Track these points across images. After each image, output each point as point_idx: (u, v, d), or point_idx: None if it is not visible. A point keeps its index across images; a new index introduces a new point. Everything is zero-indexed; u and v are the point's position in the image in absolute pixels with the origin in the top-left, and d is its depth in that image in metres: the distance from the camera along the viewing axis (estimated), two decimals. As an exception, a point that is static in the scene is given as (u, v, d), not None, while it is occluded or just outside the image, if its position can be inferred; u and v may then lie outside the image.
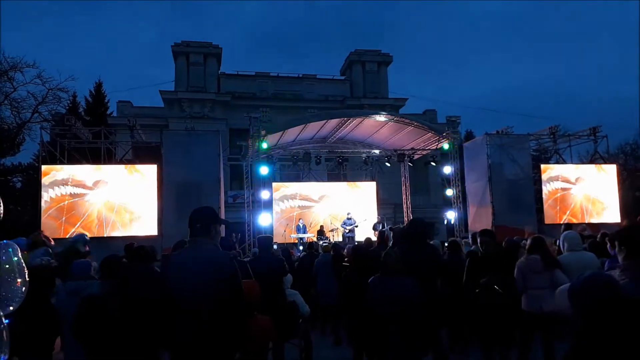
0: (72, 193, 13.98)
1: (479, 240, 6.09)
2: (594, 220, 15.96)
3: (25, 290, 2.54)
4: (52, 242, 7.80)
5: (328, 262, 8.50)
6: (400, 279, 4.32)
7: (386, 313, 4.27)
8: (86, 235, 7.67)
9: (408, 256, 4.68)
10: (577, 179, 16.91)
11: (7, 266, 2.48)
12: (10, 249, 2.52)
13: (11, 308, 2.49)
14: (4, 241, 2.59)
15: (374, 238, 10.31)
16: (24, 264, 2.59)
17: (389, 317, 4.24)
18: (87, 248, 7.19)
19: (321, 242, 13.94)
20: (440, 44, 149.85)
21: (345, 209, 18.45)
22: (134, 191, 14.22)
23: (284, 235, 18.38)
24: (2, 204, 2.78)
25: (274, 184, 19.42)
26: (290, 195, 20.03)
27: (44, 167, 14.16)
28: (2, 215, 2.77)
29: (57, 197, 13.89)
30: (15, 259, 2.52)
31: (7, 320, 2.45)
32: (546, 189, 16.57)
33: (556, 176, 16.82)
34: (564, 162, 18.07)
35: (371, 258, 5.55)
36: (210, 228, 3.07)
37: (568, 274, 4.84)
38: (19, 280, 2.50)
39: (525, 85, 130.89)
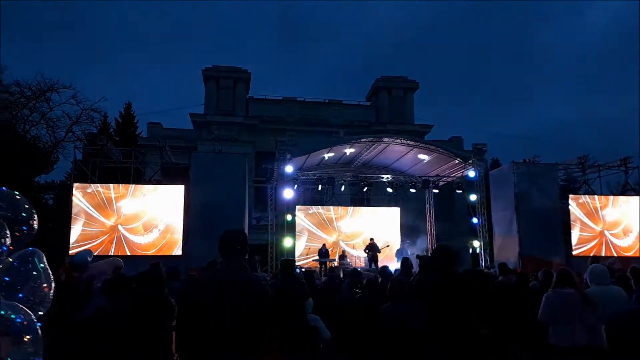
0: (101, 211, 14.35)
1: None
2: (624, 253, 15.48)
3: (52, 294, 2.68)
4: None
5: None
6: (408, 303, 4.35)
7: (394, 338, 4.28)
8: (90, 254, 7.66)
9: (425, 283, 4.67)
10: (606, 211, 16.51)
11: (34, 273, 2.63)
12: (36, 258, 2.67)
13: (40, 313, 2.60)
14: (29, 249, 2.73)
15: (397, 266, 10.24)
16: (49, 270, 2.74)
17: (397, 342, 4.25)
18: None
19: (343, 267, 13.89)
20: (468, 73, 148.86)
21: (368, 234, 18.37)
22: (160, 211, 14.53)
23: (306, 258, 18.38)
24: (36, 219, 2.94)
25: (298, 207, 19.52)
26: (313, 218, 20.09)
27: (75, 185, 14.61)
28: (36, 230, 2.93)
29: (86, 214, 14.28)
30: (42, 265, 2.67)
31: (39, 324, 2.55)
32: (574, 219, 16.22)
33: (585, 207, 16.47)
34: (593, 192, 17.68)
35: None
36: (246, 251, 3.21)
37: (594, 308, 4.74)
38: (44, 285, 2.65)
39: (559, 121, 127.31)
